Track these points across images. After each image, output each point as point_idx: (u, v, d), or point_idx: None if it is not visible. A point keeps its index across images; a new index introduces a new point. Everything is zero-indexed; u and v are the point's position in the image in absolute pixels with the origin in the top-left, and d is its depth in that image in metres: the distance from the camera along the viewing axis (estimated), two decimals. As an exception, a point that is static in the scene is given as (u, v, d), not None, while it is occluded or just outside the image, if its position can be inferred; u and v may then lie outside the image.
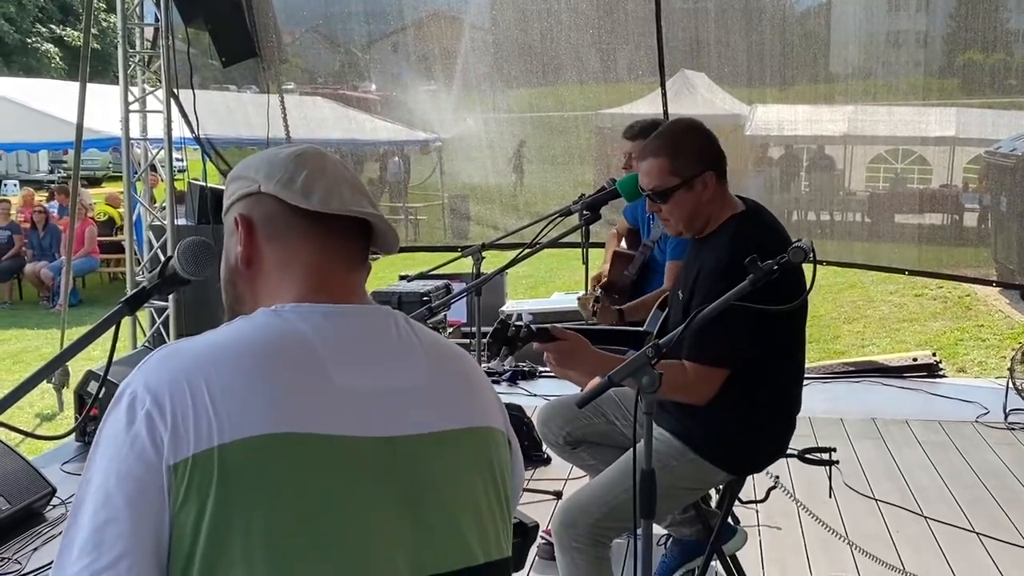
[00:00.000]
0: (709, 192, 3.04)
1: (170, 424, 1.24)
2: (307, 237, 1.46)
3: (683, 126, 3.19)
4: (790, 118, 8.13)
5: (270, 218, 1.47)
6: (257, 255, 1.48)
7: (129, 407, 1.28)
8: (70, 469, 5.44)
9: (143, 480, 1.23)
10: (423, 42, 8.52)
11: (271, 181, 1.46)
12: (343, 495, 1.29)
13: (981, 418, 6.31)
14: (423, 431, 1.39)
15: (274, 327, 1.37)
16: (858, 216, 8.55)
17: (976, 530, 4.57)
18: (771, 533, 4.53)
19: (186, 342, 1.36)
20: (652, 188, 3.07)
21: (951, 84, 7.61)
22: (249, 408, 1.27)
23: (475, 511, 1.41)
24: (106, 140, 13.81)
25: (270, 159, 1.50)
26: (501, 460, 1.48)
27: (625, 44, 8.02)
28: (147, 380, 1.30)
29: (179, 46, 7.28)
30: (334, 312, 1.41)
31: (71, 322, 7.95)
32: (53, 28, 43.67)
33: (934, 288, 12.64)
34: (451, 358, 1.51)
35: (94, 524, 1.23)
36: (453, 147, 9.00)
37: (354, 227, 1.49)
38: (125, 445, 1.25)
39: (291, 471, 1.26)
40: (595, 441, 3.59)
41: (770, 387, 3.07)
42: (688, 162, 3.03)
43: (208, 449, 1.23)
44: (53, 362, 1.97)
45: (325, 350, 1.36)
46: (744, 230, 3.01)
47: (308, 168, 1.47)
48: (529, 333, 2.89)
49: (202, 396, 1.26)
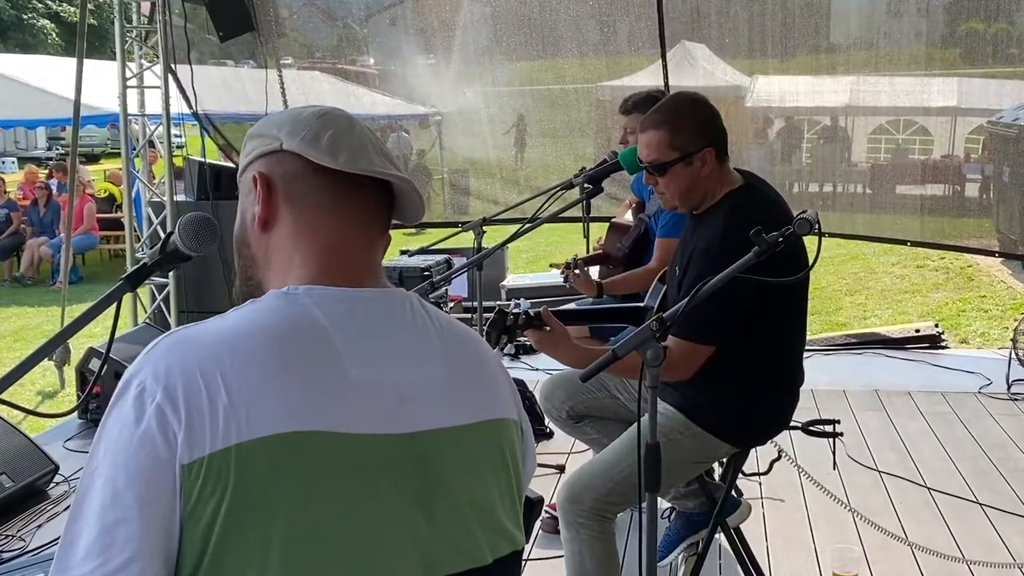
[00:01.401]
0: (708, 168, 3.01)
1: (184, 420, 1.18)
2: (330, 201, 1.39)
3: (686, 99, 3.15)
4: (791, 89, 8.10)
5: (292, 178, 1.40)
6: (275, 216, 1.41)
7: (137, 399, 1.20)
8: (73, 446, 5.46)
9: (154, 479, 1.17)
10: (421, 15, 8.48)
11: (294, 138, 1.39)
12: (360, 494, 1.25)
13: (984, 389, 6.31)
14: (440, 426, 1.34)
15: (289, 314, 1.30)
16: (860, 187, 8.54)
17: (979, 501, 4.58)
18: (774, 505, 4.54)
19: (195, 328, 1.29)
20: (650, 161, 3.05)
21: (953, 54, 7.58)
22: (267, 405, 1.21)
23: (489, 508, 1.38)
24: (104, 116, 13.76)
25: (293, 117, 1.43)
26: (515, 451, 1.45)
27: (625, 15, 7.98)
28: (156, 370, 1.22)
29: (176, 21, 7.23)
30: (349, 297, 1.35)
31: (71, 299, 7.94)
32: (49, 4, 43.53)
33: (936, 259, 12.62)
34: (467, 345, 1.46)
35: (102, 524, 1.16)
36: (452, 121, 8.97)
37: (378, 193, 1.43)
38: (134, 440, 1.18)
39: (309, 471, 1.21)
40: (598, 415, 3.59)
41: (772, 359, 3.06)
42: (688, 137, 3.00)
43: (225, 448, 1.17)
44: (55, 339, 1.96)
45: (340, 340, 1.30)
46: (739, 207, 2.98)
47: (334, 128, 1.40)
48: (527, 319, 2.97)
49: (218, 390, 1.19)
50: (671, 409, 3.06)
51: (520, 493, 1.47)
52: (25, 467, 4.67)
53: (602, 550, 3.04)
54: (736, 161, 3.16)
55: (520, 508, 1.46)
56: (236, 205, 1.49)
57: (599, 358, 2.41)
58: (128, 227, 7.64)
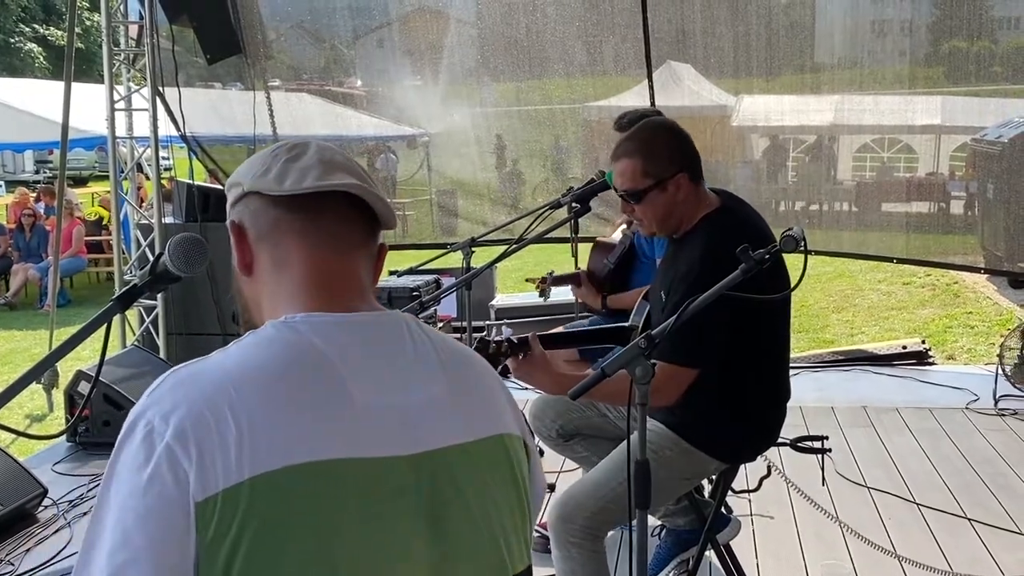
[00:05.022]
0: (683, 193, 3.04)
1: (195, 458, 1.18)
2: (294, 228, 1.40)
3: (656, 126, 3.17)
4: (776, 108, 8.15)
5: (255, 216, 1.42)
6: (253, 259, 1.43)
7: (146, 439, 1.20)
8: (61, 469, 5.43)
9: (165, 519, 1.17)
10: (409, 37, 8.51)
11: (249, 177, 1.42)
12: (372, 516, 1.26)
13: (971, 404, 6.34)
14: (446, 444, 1.35)
15: (290, 343, 1.31)
16: (845, 205, 8.58)
17: (967, 516, 4.60)
18: (764, 522, 4.54)
19: (198, 364, 1.29)
20: (625, 189, 3.07)
21: (936, 72, 7.63)
22: (276, 436, 1.21)
23: (498, 524, 1.39)
24: (92, 139, 13.73)
25: (253, 158, 1.46)
26: (521, 466, 1.46)
27: (611, 36, 8.03)
28: (163, 409, 1.22)
29: (164, 44, 7.25)
30: (347, 323, 1.36)
31: (59, 322, 7.91)
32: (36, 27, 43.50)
33: (922, 276, 12.68)
34: (466, 364, 1.47)
35: (112, 567, 1.16)
36: (440, 142, 8.99)
37: (346, 208, 1.42)
38: (143, 481, 1.18)
39: (323, 499, 1.22)
40: (588, 433, 3.60)
41: (759, 376, 3.08)
42: (661, 163, 3.02)
43: (238, 483, 1.17)
44: (44, 361, 1.96)
45: (343, 366, 1.31)
46: (716, 230, 3.01)
47: (285, 156, 1.42)
48: (510, 347, 2.98)
49: (227, 425, 1.20)
50: (660, 426, 3.07)
51: (529, 510, 1.47)
52: (13, 490, 4.65)
53: (594, 569, 3.04)
54: (722, 180, 3.19)
55: (529, 526, 1.47)
56: (225, 227, 1.50)
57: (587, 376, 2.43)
58: (116, 249, 7.63)
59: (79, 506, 4.93)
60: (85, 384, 5.67)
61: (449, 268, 7.28)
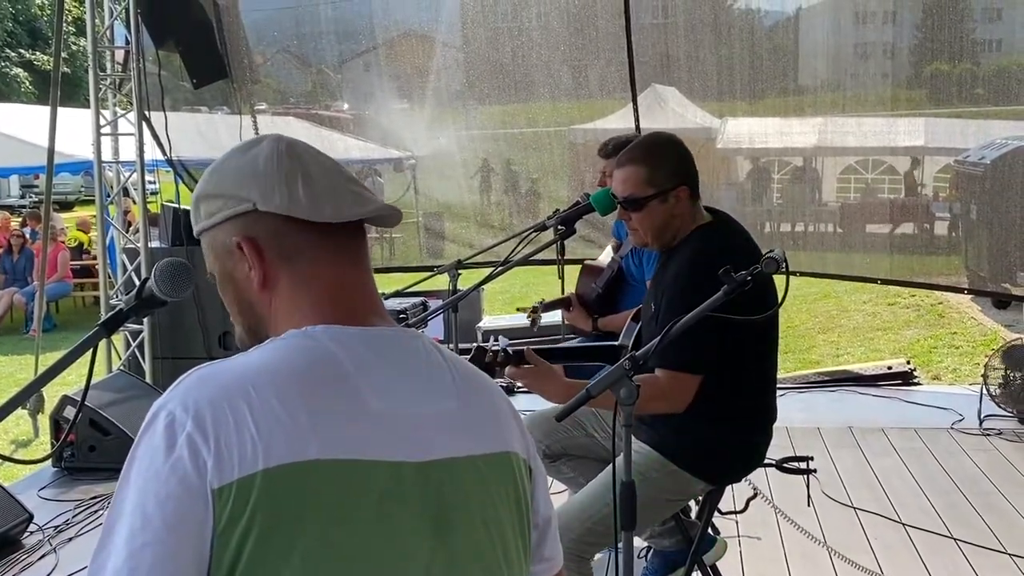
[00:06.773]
0: (681, 206, 3.08)
1: (213, 447, 1.22)
2: (324, 253, 1.43)
3: (663, 139, 3.24)
4: (760, 131, 8.20)
5: (277, 236, 1.41)
6: (272, 275, 1.43)
7: (168, 428, 1.24)
8: (47, 495, 5.40)
9: (184, 504, 1.20)
10: (395, 61, 8.55)
11: (269, 200, 1.40)
12: (377, 518, 1.29)
13: (956, 424, 6.36)
14: (454, 455, 1.38)
15: (310, 350, 1.35)
16: (830, 227, 8.63)
17: (953, 536, 4.61)
18: (751, 543, 4.55)
19: (219, 364, 1.33)
20: (626, 196, 3.11)
21: (919, 94, 7.70)
22: (291, 433, 1.25)
23: (501, 538, 1.41)
24: (78, 164, 13.67)
25: (253, 174, 1.43)
26: (525, 486, 1.48)
27: (596, 60, 8.09)
28: (185, 401, 1.26)
29: (150, 68, 7.27)
30: (365, 335, 1.40)
31: (45, 347, 7.88)
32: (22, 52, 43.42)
33: (907, 297, 12.74)
34: (479, 384, 1.50)
35: (130, 548, 1.19)
36: (427, 165, 9.01)
37: (358, 225, 1.47)
38: (165, 468, 1.22)
39: (330, 497, 1.25)
40: (575, 454, 3.60)
41: (744, 396, 3.09)
42: (664, 174, 3.07)
43: (252, 474, 1.21)
44: (30, 386, 1.96)
45: (359, 374, 1.34)
46: (705, 243, 3.05)
47: (300, 174, 1.43)
48: (506, 357, 2.99)
49: (245, 419, 1.24)
50: (646, 447, 3.08)
51: (530, 530, 1.49)
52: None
53: (580, 590, 3.04)
54: (708, 202, 3.22)
55: (527, 544, 1.48)
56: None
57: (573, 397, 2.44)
58: (103, 274, 7.62)
59: (65, 532, 4.91)
60: (71, 409, 5.65)
61: (436, 290, 7.29)
